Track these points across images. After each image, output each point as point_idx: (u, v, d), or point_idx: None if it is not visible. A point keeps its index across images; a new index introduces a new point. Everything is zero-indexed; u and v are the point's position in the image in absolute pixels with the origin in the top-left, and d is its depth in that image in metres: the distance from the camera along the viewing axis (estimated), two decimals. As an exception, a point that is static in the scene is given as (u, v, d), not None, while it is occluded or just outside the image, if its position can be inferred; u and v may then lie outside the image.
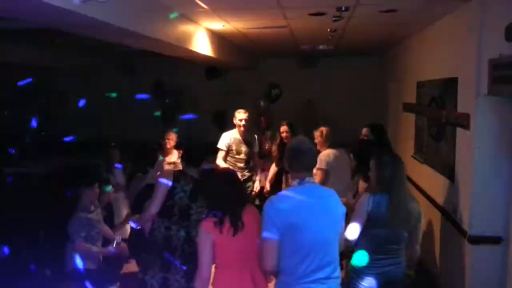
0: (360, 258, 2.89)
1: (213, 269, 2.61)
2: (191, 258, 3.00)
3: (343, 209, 2.55)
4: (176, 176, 3.21)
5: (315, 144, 4.51)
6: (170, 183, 3.12)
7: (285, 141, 5.49)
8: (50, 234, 4.97)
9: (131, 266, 4.37)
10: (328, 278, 2.43)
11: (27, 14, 2.96)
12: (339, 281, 2.51)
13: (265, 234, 2.36)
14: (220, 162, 5.27)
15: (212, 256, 2.53)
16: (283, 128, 5.53)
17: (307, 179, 2.45)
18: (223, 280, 2.56)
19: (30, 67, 8.67)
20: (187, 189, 3.13)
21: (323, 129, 5.11)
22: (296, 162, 2.47)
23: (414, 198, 3.14)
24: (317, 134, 5.17)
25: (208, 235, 2.52)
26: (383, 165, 2.98)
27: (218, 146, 5.31)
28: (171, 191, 3.13)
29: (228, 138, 5.32)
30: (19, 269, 4.79)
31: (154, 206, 3.12)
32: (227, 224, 2.53)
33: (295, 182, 2.47)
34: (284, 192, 2.58)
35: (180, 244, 3.08)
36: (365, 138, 4.64)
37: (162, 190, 3.12)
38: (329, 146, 4.87)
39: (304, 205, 2.39)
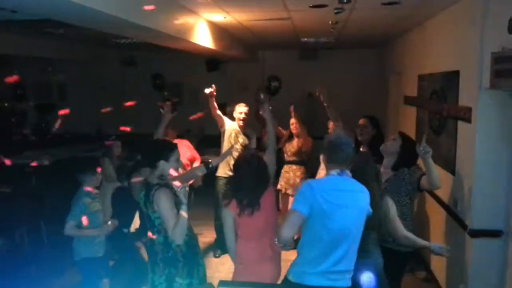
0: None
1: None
2: (170, 262, 3.01)
3: (369, 208, 2.62)
4: (143, 183, 3.16)
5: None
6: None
7: (293, 132, 5.66)
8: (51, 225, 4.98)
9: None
10: (345, 271, 2.54)
11: (27, 4, 2.94)
12: (349, 277, 2.59)
13: (295, 205, 2.54)
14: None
15: (235, 230, 2.97)
16: (293, 120, 5.65)
17: (346, 172, 2.60)
18: (246, 249, 2.96)
19: (30, 58, 8.65)
20: (142, 196, 3.04)
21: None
22: (333, 155, 2.61)
23: (383, 196, 3.09)
24: (332, 124, 5.20)
25: (230, 213, 2.94)
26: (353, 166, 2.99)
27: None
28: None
29: (229, 122, 5.35)
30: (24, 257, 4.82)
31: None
32: (246, 207, 2.88)
33: (334, 172, 2.60)
34: (323, 178, 2.76)
35: (160, 249, 3.03)
36: (363, 128, 4.62)
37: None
38: None
39: (337, 194, 2.51)
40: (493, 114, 3.49)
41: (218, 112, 5.22)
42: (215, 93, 4.89)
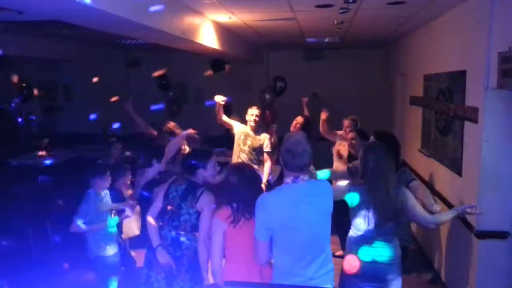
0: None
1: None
2: (174, 261, 3.01)
3: (331, 205, 2.51)
4: (175, 179, 3.19)
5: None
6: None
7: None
8: (58, 226, 5.00)
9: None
10: (320, 276, 2.45)
11: (34, 6, 2.95)
12: (330, 276, 2.50)
13: (256, 234, 2.44)
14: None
15: (223, 247, 2.70)
16: (298, 119, 5.73)
17: (301, 177, 2.44)
18: (233, 274, 2.66)
19: (36, 59, 8.70)
20: (180, 189, 3.09)
21: (356, 118, 5.20)
22: (291, 163, 2.44)
23: (401, 186, 3.01)
24: (348, 122, 5.19)
25: (221, 225, 2.69)
26: (366, 155, 2.96)
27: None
28: (166, 192, 3.13)
29: (239, 125, 5.49)
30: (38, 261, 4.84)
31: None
32: (239, 217, 2.68)
33: (289, 180, 2.47)
34: (275, 191, 2.56)
35: (166, 246, 3.04)
36: (353, 141, 4.59)
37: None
38: None
39: (294, 205, 2.41)
40: (500, 114, 3.46)
41: (224, 118, 5.37)
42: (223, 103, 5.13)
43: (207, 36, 5.30)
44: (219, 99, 5.07)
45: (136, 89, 10.01)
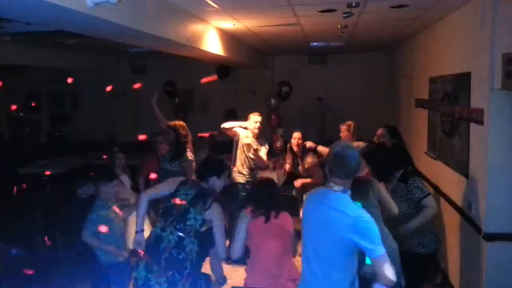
0: None
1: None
2: (177, 265, 2.95)
3: (350, 224, 2.20)
4: (184, 181, 3.21)
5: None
6: None
7: (294, 148, 5.72)
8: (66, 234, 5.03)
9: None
10: None
11: (41, 17, 3.00)
12: None
13: None
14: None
15: (246, 237, 3.09)
16: (297, 135, 5.70)
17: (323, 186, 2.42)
18: (255, 263, 3.07)
19: (44, 69, 8.80)
20: (190, 193, 3.09)
21: (351, 122, 5.25)
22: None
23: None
24: (343, 127, 5.22)
25: (246, 218, 3.13)
26: None
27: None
28: (174, 193, 3.12)
29: (242, 131, 5.34)
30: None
31: None
32: (260, 217, 3.08)
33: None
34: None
35: (170, 248, 2.97)
36: (381, 140, 4.55)
37: None
38: (356, 140, 5.04)
39: (306, 215, 2.50)
40: (506, 115, 3.45)
41: (228, 126, 5.30)
42: None
43: (211, 43, 5.34)
44: None
45: (142, 96, 10.08)
